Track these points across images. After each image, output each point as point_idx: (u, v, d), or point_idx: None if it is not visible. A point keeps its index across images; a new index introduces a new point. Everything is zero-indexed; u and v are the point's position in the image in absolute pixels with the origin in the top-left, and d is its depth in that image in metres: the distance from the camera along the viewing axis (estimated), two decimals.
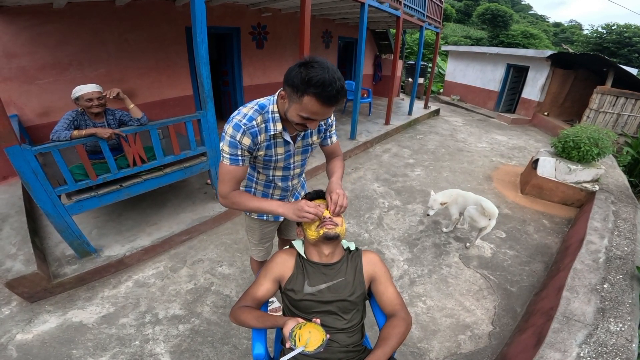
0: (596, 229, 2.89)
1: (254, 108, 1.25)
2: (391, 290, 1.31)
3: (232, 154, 1.24)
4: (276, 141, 1.33)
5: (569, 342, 1.75)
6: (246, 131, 1.21)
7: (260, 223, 1.75)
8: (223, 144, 1.24)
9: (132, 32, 4.31)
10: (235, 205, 1.33)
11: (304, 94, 1.04)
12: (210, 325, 2.24)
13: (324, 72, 1.01)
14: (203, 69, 2.48)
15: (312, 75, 1.00)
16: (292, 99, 1.10)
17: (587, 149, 3.80)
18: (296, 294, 1.26)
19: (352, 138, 5.90)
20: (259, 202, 1.33)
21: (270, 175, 1.49)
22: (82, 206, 2.39)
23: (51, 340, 2.08)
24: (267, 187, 1.58)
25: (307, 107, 1.07)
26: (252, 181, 1.60)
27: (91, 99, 2.44)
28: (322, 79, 1.00)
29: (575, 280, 2.21)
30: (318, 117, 1.12)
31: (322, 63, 1.03)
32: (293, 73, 1.05)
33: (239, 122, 1.21)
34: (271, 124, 1.26)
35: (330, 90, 1.02)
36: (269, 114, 1.25)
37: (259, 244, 1.85)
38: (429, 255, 3.03)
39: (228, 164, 1.26)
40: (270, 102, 1.26)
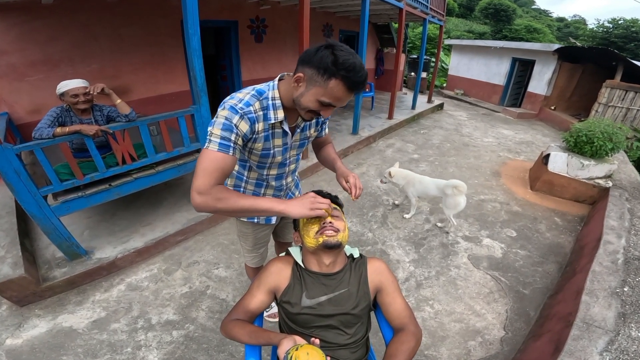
0: (613, 227, 2.74)
1: (251, 93, 1.11)
2: (399, 302, 1.17)
3: (223, 138, 1.04)
4: (274, 131, 1.19)
5: (589, 349, 1.63)
6: (244, 115, 1.06)
7: (253, 227, 1.60)
8: (213, 126, 1.05)
9: (126, 26, 4.17)
10: (219, 204, 1.02)
11: (331, 77, 0.96)
12: (205, 331, 2.14)
13: (353, 56, 0.96)
14: (196, 62, 2.35)
15: (344, 58, 0.94)
16: (313, 82, 0.99)
17: (601, 144, 3.65)
18: (293, 307, 1.13)
19: (354, 133, 5.77)
20: (253, 200, 1.08)
21: (264, 174, 1.36)
22: (69, 207, 2.27)
23: (41, 346, 2.01)
24: (259, 186, 1.44)
25: (332, 92, 0.99)
26: (241, 180, 1.43)
27: (77, 95, 2.31)
28: (353, 63, 0.95)
29: (594, 283, 2.07)
30: (338, 104, 1.04)
31: (347, 47, 0.97)
32: (319, 54, 0.96)
33: (235, 105, 1.06)
34: (271, 112, 1.13)
35: (360, 75, 0.97)
36: (268, 101, 1.12)
37: (253, 249, 1.72)
38: (436, 256, 2.90)
39: (216, 149, 1.03)
40: (269, 88, 1.13)
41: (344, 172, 1.37)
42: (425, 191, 3.25)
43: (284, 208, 1.07)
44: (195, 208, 1.03)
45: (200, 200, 1.01)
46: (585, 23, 37.95)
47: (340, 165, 1.43)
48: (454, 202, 3.03)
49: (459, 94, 11.65)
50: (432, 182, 3.21)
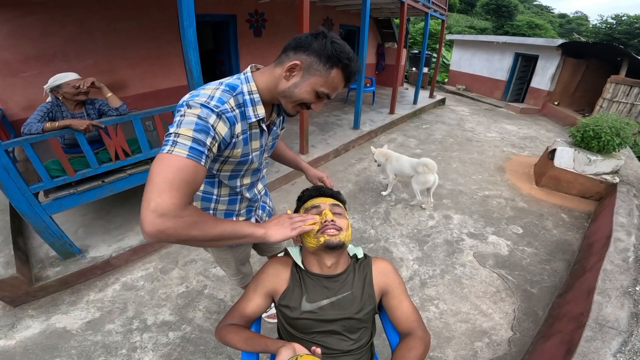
0: (622, 224, 2.65)
1: (221, 89, 0.89)
2: (406, 305, 1.10)
3: (196, 141, 0.78)
4: (252, 132, 0.99)
5: (602, 351, 1.57)
6: (221, 115, 0.84)
7: (232, 251, 1.42)
8: (179, 126, 0.79)
9: (121, 21, 4.10)
10: (193, 230, 0.77)
11: (334, 66, 0.89)
12: (202, 332, 2.07)
13: (349, 47, 0.92)
14: (191, 55, 2.26)
15: (344, 47, 0.90)
16: (313, 71, 0.90)
17: (609, 139, 3.56)
18: (292, 312, 1.05)
19: (355, 127, 5.69)
20: (233, 225, 0.88)
21: (237, 186, 1.15)
22: (61, 204, 2.19)
23: (34, 347, 1.96)
24: (233, 203, 1.21)
25: (332, 82, 0.92)
26: (210, 201, 1.17)
27: (78, 87, 2.24)
28: (352, 53, 0.91)
29: (606, 282, 1.99)
30: (333, 95, 0.96)
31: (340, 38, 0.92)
32: (319, 41, 0.88)
33: (207, 103, 0.82)
34: (249, 109, 0.94)
35: (357, 66, 0.94)
36: (244, 96, 0.92)
37: (237, 272, 1.58)
38: (440, 254, 2.82)
39: (184, 154, 0.76)
40: (243, 81, 0.94)
41: (316, 173, 1.45)
42: (400, 169, 3.48)
43: (265, 232, 0.92)
44: (150, 236, 0.72)
45: (165, 226, 0.71)
46: (587, 19, 37.75)
47: (307, 165, 1.49)
48: (423, 179, 3.26)
49: (460, 89, 11.55)
50: (407, 161, 3.42)
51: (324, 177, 1.42)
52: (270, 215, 1.49)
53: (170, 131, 0.80)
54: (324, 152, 4.59)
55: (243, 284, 1.68)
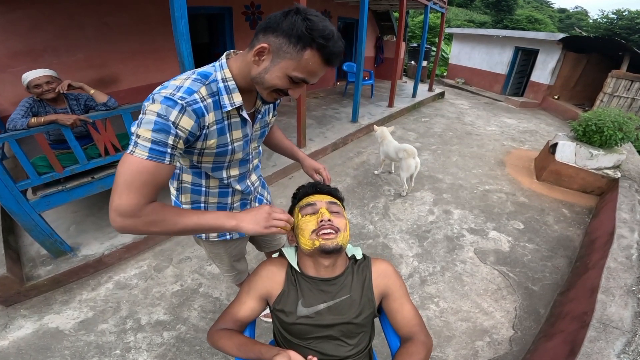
0: (625, 221, 2.61)
1: (192, 78, 0.85)
2: (408, 308, 1.05)
3: (155, 142, 0.77)
4: (231, 122, 0.95)
5: (606, 352, 1.54)
6: (185, 108, 0.80)
7: (225, 245, 1.36)
8: (139, 126, 0.78)
9: (113, 14, 4.01)
10: (153, 228, 0.81)
11: (306, 47, 0.78)
12: (197, 332, 2.03)
13: (329, 24, 0.80)
14: (183, 47, 2.18)
15: (323, 25, 0.78)
16: (282, 54, 0.80)
17: (611, 134, 3.51)
18: (287, 316, 0.99)
19: (353, 121, 5.63)
20: (198, 217, 0.86)
21: (224, 177, 1.10)
22: (50, 202, 2.13)
23: (27, 348, 1.92)
24: (224, 196, 1.18)
25: (306, 65, 0.81)
26: (200, 193, 1.14)
27: (39, 85, 2.13)
28: (332, 32, 0.79)
29: (609, 280, 1.95)
30: (311, 80, 0.86)
31: (319, 14, 0.80)
32: (289, 19, 0.77)
33: (171, 95, 0.79)
34: (224, 97, 0.89)
35: (338, 45, 0.81)
36: (217, 83, 0.88)
37: (231, 268, 1.51)
38: (440, 250, 2.77)
39: (145, 156, 0.76)
40: (217, 69, 0.89)
41: (312, 164, 1.39)
42: (387, 152, 3.68)
43: (237, 224, 0.87)
44: (117, 230, 0.80)
45: (123, 224, 0.78)
46: (587, 14, 37.56)
47: (304, 155, 1.43)
48: (406, 165, 3.37)
49: (460, 83, 11.47)
50: (393, 147, 3.60)
51: (321, 169, 1.35)
52: None
53: (132, 130, 0.79)
54: (321, 146, 4.52)
55: (238, 282, 1.63)
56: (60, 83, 2.22)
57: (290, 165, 3.98)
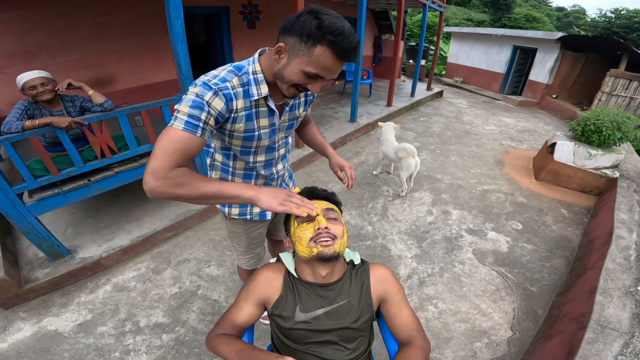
0: (623, 221, 2.61)
1: (228, 69, 0.99)
2: (406, 313, 1.04)
3: (192, 116, 0.89)
4: (259, 110, 1.06)
5: (604, 353, 1.54)
6: (218, 92, 0.93)
7: (245, 225, 1.43)
8: (181, 104, 0.92)
9: (109, 14, 3.98)
10: (178, 189, 0.88)
11: (316, 44, 0.84)
12: (196, 334, 2.02)
13: (340, 20, 0.85)
14: (179, 47, 2.17)
15: (330, 21, 0.82)
16: (296, 52, 0.88)
17: (610, 133, 3.51)
18: (285, 322, 0.99)
19: (352, 120, 5.61)
20: (219, 185, 0.94)
21: (251, 161, 1.21)
22: (46, 205, 2.11)
23: (27, 350, 1.92)
24: (248, 178, 1.29)
25: (318, 61, 0.86)
26: (227, 172, 1.26)
27: (34, 87, 2.11)
28: (341, 27, 0.83)
29: (608, 282, 1.95)
30: (327, 75, 0.91)
31: (334, 12, 0.86)
32: (301, 19, 0.84)
33: (208, 81, 0.93)
34: (253, 87, 1.00)
35: (350, 40, 0.85)
36: (248, 75, 1.00)
37: (248, 250, 1.55)
38: (439, 251, 2.77)
39: (181, 127, 0.88)
40: (249, 63, 1.02)
41: (338, 161, 1.38)
42: (386, 151, 3.67)
43: (254, 195, 0.93)
44: (147, 193, 0.88)
45: (154, 184, 0.86)
46: (585, 13, 37.56)
47: (333, 152, 1.43)
48: (406, 164, 3.36)
49: (458, 82, 11.46)
50: (392, 147, 3.60)
51: (346, 166, 1.35)
52: None
53: (175, 107, 0.93)
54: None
55: (251, 267, 1.65)
56: (55, 84, 2.21)
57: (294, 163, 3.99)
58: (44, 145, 2.14)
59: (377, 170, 4.12)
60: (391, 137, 3.74)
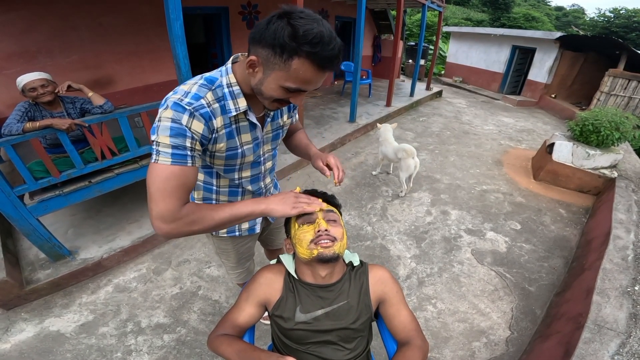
0: (621, 221, 2.63)
1: (199, 83, 0.87)
2: (404, 314, 1.06)
3: (175, 146, 0.81)
4: (239, 125, 0.96)
5: (600, 353, 1.56)
6: (194, 113, 0.82)
7: (233, 242, 1.36)
8: (158, 133, 0.81)
9: (107, 15, 3.98)
10: (194, 227, 0.86)
11: (292, 56, 0.73)
12: (197, 335, 2.04)
13: (318, 24, 0.73)
14: (179, 49, 2.18)
15: (306, 28, 0.71)
16: (271, 66, 0.77)
17: (608, 133, 3.52)
18: (286, 322, 1.01)
19: (351, 121, 5.62)
20: (231, 209, 0.90)
21: (236, 178, 1.12)
22: (47, 206, 2.13)
23: (29, 351, 1.93)
24: (234, 195, 1.20)
25: (298, 75, 0.76)
26: (211, 191, 1.18)
27: (34, 88, 2.12)
28: (320, 34, 0.72)
29: (605, 282, 1.97)
30: (310, 87, 0.81)
31: (309, 13, 0.74)
32: (271, 27, 0.73)
33: (179, 101, 0.81)
34: (230, 102, 0.90)
35: (331, 48, 0.74)
36: (223, 89, 0.89)
37: (237, 265, 1.50)
38: (438, 251, 2.79)
39: (169, 162, 0.80)
40: (222, 74, 0.90)
41: (320, 154, 1.22)
42: (386, 152, 3.68)
43: (266, 207, 0.92)
44: (163, 237, 0.87)
45: (168, 229, 0.83)
46: (584, 12, 37.62)
47: (316, 149, 1.29)
48: (405, 165, 3.38)
49: (457, 82, 11.48)
50: (392, 147, 3.60)
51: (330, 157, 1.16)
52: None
53: (152, 138, 0.82)
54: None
55: (242, 281, 1.63)
56: (56, 86, 2.22)
57: (289, 166, 3.99)
58: (45, 147, 2.15)
59: (376, 171, 4.13)
60: (390, 137, 3.74)
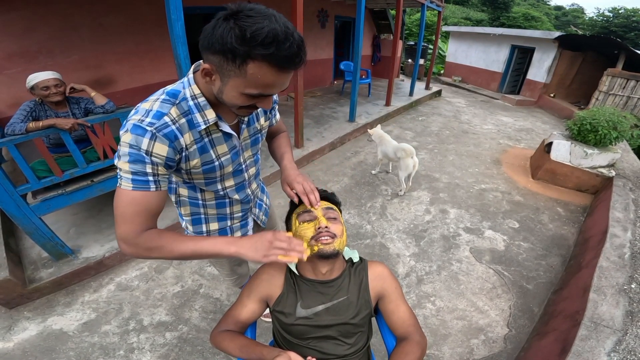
0: (618, 220, 2.65)
1: (161, 99, 0.82)
2: (403, 309, 1.08)
3: (135, 172, 0.78)
4: (212, 138, 0.92)
5: (597, 350, 1.58)
6: (156, 134, 0.78)
7: None
8: (118, 160, 0.79)
9: (107, 15, 4.00)
10: (152, 254, 0.84)
11: (247, 61, 0.67)
12: (199, 332, 2.06)
13: (270, 21, 0.65)
14: (180, 50, 2.20)
15: (256, 28, 0.63)
16: (226, 73, 0.71)
17: (606, 132, 3.55)
18: (287, 318, 1.03)
19: (351, 120, 5.64)
20: (194, 243, 0.86)
21: (220, 189, 1.08)
22: (50, 205, 2.14)
23: (32, 350, 1.94)
24: (222, 207, 1.17)
25: (256, 80, 0.70)
26: (198, 206, 1.14)
27: (47, 87, 2.15)
28: (272, 32, 0.64)
29: (602, 280, 1.99)
30: (274, 91, 0.75)
31: (260, 9, 0.67)
32: (218, 31, 0.66)
33: (140, 122, 0.77)
34: (197, 115, 0.85)
35: (289, 45, 0.66)
36: (188, 102, 0.84)
37: (232, 272, 1.50)
38: (437, 249, 2.81)
39: (130, 188, 0.79)
40: (185, 85, 0.85)
41: (289, 175, 1.11)
42: (386, 151, 3.69)
43: (236, 250, 0.85)
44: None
45: (128, 251, 0.83)
46: (583, 12, 37.70)
47: (287, 163, 1.17)
48: (404, 164, 3.41)
49: (456, 81, 11.50)
50: (392, 146, 3.61)
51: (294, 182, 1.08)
52: (267, 214, 1.44)
53: (115, 163, 0.81)
54: (319, 146, 4.54)
55: (238, 285, 1.65)
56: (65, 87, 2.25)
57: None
58: (48, 146, 2.17)
59: (375, 170, 4.16)
60: (387, 136, 3.78)
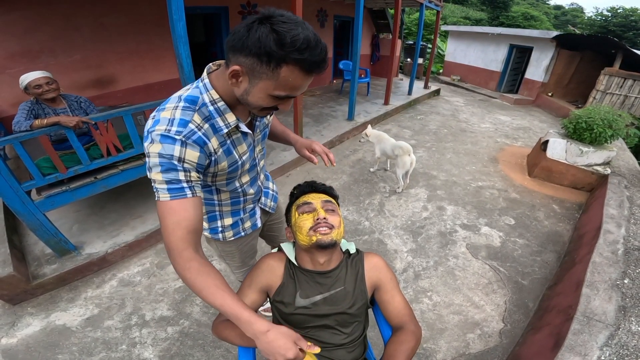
0: (612, 216, 2.70)
1: (180, 106, 0.84)
2: (398, 300, 1.12)
3: (170, 181, 0.80)
4: (233, 139, 0.96)
5: (589, 344, 1.61)
6: (185, 142, 0.81)
7: (238, 244, 1.36)
8: (150, 172, 0.81)
9: (108, 15, 4.04)
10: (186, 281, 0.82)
11: (281, 64, 0.71)
12: (200, 327, 2.10)
13: (303, 28, 0.70)
14: (182, 49, 2.23)
15: (292, 33, 0.68)
16: (258, 75, 0.74)
17: (601, 131, 3.59)
18: (286, 307, 1.07)
19: (350, 119, 5.68)
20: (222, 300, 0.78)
21: (237, 187, 1.13)
22: (54, 202, 2.18)
23: (36, 345, 1.98)
24: (237, 204, 1.22)
25: (287, 82, 0.75)
26: (213, 205, 1.19)
27: (39, 85, 2.21)
28: (306, 39, 0.69)
29: (594, 275, 2.03)
30: (298, 93, 0.80)
31: (291, 16, 0.72)
32: (254, 35, 0.69)
33: (167, 132, 0.79)
34: (219, 119, 0.88)
35: (319, 52, 0.73)
36: (208, 107, 0.86)
37: (242, 265, 1.51)
38: (434, 245, 2.86)
39: (168, 199, 0.81)
40: (202, 90, 0.87)
41: (304, 142, 1.27)
42: (384, 149, 3.74)
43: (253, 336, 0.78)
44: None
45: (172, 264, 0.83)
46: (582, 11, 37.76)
47: (294, 134, 1.34)
48: (401, 162, 3.46)
49: (455, 80, 11.54)
50: (390, 144, 3.66)
51: (315, 144, 1.24)
52: (275, 199, 1.47)
53: (149, 176, 0.83)
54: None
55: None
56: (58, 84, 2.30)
57: (288, 163, 4.05)
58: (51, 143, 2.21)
59: (374, 168, 4.21)
60: (385, 135, 3.83)
